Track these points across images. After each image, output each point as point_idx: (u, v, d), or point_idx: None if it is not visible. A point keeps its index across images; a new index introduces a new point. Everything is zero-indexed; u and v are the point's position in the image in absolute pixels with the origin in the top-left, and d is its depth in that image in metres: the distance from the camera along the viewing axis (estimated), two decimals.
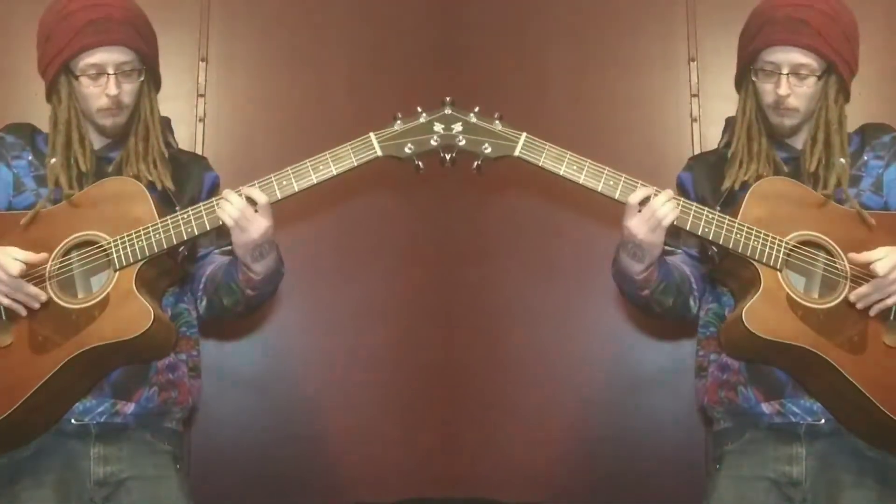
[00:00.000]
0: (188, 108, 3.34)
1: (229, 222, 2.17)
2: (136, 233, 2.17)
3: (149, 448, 2.29)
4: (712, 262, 2.35)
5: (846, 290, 2.17)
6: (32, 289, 2.15)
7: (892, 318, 2.18)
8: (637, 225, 2.18)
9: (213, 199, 2.21)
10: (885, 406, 2.13)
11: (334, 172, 2.22)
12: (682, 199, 2.19)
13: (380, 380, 3.37)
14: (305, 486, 3.31)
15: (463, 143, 2.19)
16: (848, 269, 2.18)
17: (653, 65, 3.43)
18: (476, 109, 2.22)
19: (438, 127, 2.20)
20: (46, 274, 2.17)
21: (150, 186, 2.28)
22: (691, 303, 2.35)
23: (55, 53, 2.27)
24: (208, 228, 2.19)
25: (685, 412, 3.27)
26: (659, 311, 2.32)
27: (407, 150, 2.21)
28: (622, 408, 3.36)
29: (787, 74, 2.26)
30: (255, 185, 2.19)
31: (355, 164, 2.21)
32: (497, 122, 2.22)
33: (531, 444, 3.36)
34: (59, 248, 2.19)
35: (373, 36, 3.46)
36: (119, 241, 2.17)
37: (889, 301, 2.16)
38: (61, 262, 2.19)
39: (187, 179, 2.38)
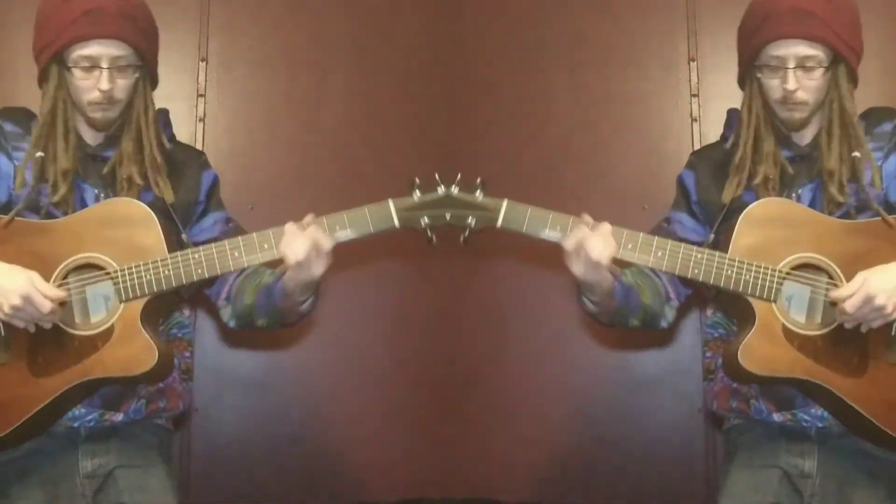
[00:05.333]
0: (188, 108, 3.34)
1: (293, 260, 2.08)
2: (144, 265, 2.10)
3: (136, 440, 2.27)
4: (706, 291, 2.30)
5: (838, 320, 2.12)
6: (57, 316, 2.09)
7: (893, 333, 2.12)
8: (574, 265, 2.12)
9: (226, 242, 2.13)
10: (889, 427, 2.10)
11: (350, 236, 2.14)
12: (669, 241, 2.13)
13: (380, 380, 3.37)
14: (306, 486, 3.31)
15: (449, 218, 2.15)
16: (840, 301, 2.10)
17: (653, 65, 3.42)
18: (458, 178, 2.18)
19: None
20: (59, 308, 2.11)
21: (139, 191, 2.22)
22: (667, 311, 2.29)
23: (48, 41, 2.18)
24: (219, 272, 2.12)
25: (685, 412, 3.27)
26: (626, 328, 2.27)
27: (422, 222, 2.16)
28: (622, 408, 3.36)
29: (794, 68, 2.18)
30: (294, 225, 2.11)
31: (372, 232, 2.13)
32: (479, 192, 2.16)
33: (531, 444, 3.36)
34: (61, 267, 2.13)
35: (373, 36, 3.46)
36: (127, 272, 2.11)
37: (874, 324, 2.10)
38: (61, 284, 2.13)
39: (183, 180, 2.30)
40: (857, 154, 2.22)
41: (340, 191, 3.35)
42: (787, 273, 2.12)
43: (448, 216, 2.13)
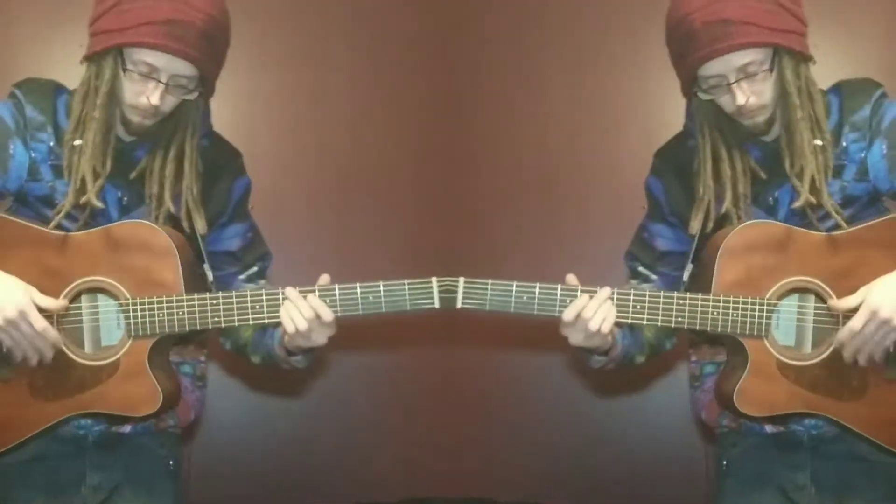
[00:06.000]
0: None
1: (291, 330, 1.96)
2: (158, 302, 1.99)
3: (144, 453, 2.19)
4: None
5: (835, 343, 2.02)
6: (52, 334, 1.97)
7: (892, 350, 2.02)
8: (575, 336, 2.01)
9: (248, 294, 1.98)
10: (894, 446, 2.06)
11: (383, 310, 1.99)
12: (647, 293, 1.99)
13: (379, 380, 3.37)
14: (305, 486, 3.31)
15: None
16: (840, 313, 2.01)
17: (653, 65, 3.42)
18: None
19: None
20: (55, 318, 2.00)
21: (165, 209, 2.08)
22: (670, 336, 2.22)
23: (121, 26, 1.97)
24: (235, 324, 2.01)
25: (684, 412, 3.27)
26: (633, 367, 2.20)
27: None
28: (622, 408, 3.36)
29: (737, 81, 2.00)
30: (316, 291, 1.97)
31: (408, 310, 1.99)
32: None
33: (530, 445, 3.36)
34: (70, 287, 2.02)
35: (372, 36, 3.46)
36: (138, 307, 1.99)
37: (878, 351, 2.00)
38: (70, 309, 2.03)
39: (213, 190, 2.15)
40: (818, 142, 2.06)
41: (341, 191, 3.35)
42: (776, 304, 2.02)
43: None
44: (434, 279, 1.97)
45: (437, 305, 1.97)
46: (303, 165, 3.39)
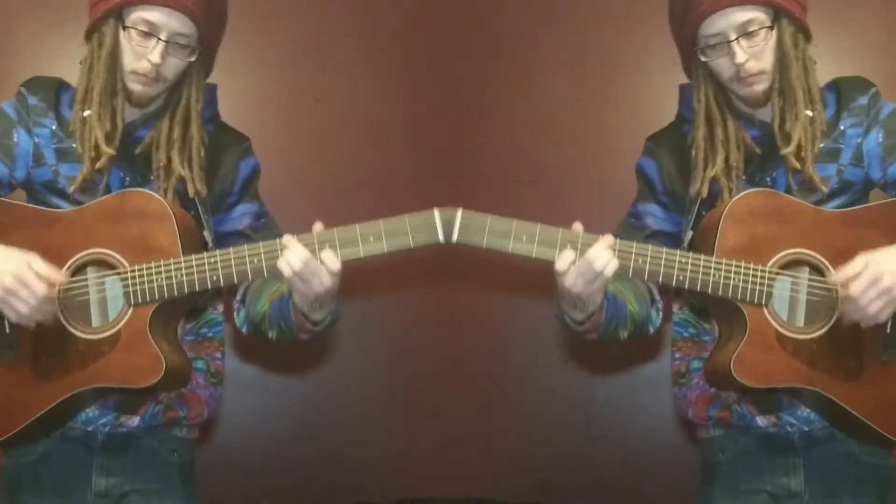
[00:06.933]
0: None
1: (287, 273, 1.90)
2: (156, 267, 1.95)
3: (155, 459, 2.13)
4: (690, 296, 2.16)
5: (837, 311, 2.00)
6: (51, 301, 1.95)
7: (888, 331, 2.02)
8: (572, 279, 1.92)
9: (245, 248, 1.93)
10: (885, 430, 2.02)
11: (385, 249, 1.97)
12: (650, 247, 1.94)
13: (379, 380, 3.37)
14: (305, 486, 3.31)
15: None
16: (839, 288, 1.98)
17: (653, 65, 3.42)
18: None
19: None
20: (57, 293, 1.98)
21: (175, 180, 2.07)
22: (653, 315, 2.15)
23: None
24: (235, 281, 1.95)
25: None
26: (614, 344, 2.12)
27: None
28: (622, 408, 3.36)
29: (737, 39, 2.01)
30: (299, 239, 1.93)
31: (412, 246, 1.98)
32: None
33: (530, 445, 3.36)
34: (69, 263, 2.00)
35: (373, 36, 3.46)
36: (136, 274, 1.96)
37: (881, 313, 1.96)
38: (71, 282, 2.00)
39: (219, 169, 2.14)
40: (808, 113, 2.07)
41: (341, 190, 3.35)
42: (777, 273, 1.99)
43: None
44: (435, 209, 1.94)
45: (441, 240, 1.95)
46: (303, 166, 3.39)
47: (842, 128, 2.11)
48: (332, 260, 1.92)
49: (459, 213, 1.94)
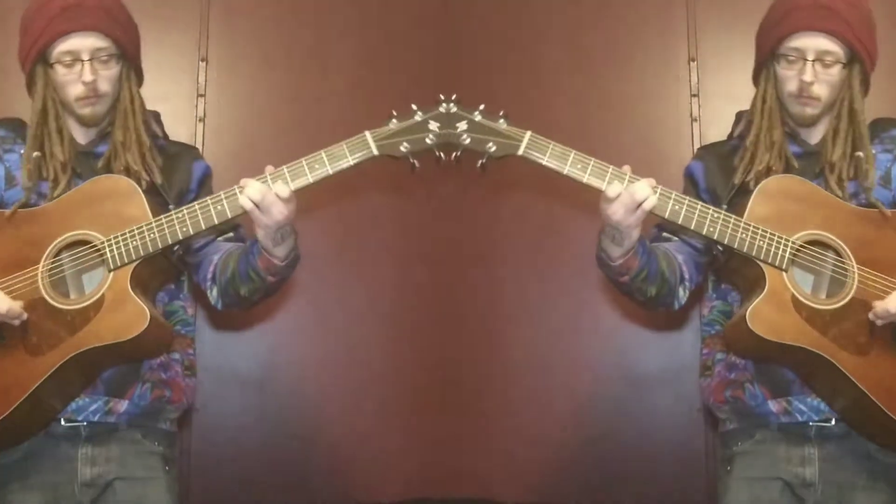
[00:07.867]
0: (188, 108, 3.34)
1: (248, 206, 2.12)
2: (129, 232, 2.15)
3: (138, 448, 2.27)
4: (717, 260, 2.33)
5: (853, 291, 2.15)
6: (15, 310, 2.13)
7: None
8: (615, 207, 2.12)
9: (208, 198, 2.16)
10: (888, 408, 2.12)
11: (330, 172, 2.18)
12: (688, 197, 2.15)
13: (379, 379, 3.37)
14: (305, 486, 3.31)
15: (468, 141, 2.17)
16: (856, 270, 2.15)
17: (653, 64, 3.43)
18: (481, 107, 2.20)
19: (434, 125, 2.18)
20: (39, 274, 2.15)
21: (137, 179, 2.25)
22: (680, 292, 2.30)
23: (31, 43, 2.24)
24: (203, 228, 2.15)
25: (685, 411, 3.27)
26: (641, 300, 2.27)
27: (402, 148, 2.18)
28: (622, 407, 3.36)
29: (813, 61, 2.22)
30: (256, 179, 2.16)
31: (352, 163, 2.18)
32: (502, 120, 2.19)
33: (530, 444, 3.35)
34: (50, 247, 2.17)
35: (373, 36, 3.46)
36: (113, 241, 2.15)
37: None
38: (53, 262, 2.17)
39: (175, 171, 2.34)
40: (860, 154, 2.26)
41: (341, 190, 3.35)
42: (801, 246, 2.15)
43: (429, 139, 2.18)
44: (367, 132, 2.20)
45: (375, 153, 2.19)
46: None
47: (873, 151, 2.29)
48: (282, 189, 2.12)
49: (528, 134, 2.19)
